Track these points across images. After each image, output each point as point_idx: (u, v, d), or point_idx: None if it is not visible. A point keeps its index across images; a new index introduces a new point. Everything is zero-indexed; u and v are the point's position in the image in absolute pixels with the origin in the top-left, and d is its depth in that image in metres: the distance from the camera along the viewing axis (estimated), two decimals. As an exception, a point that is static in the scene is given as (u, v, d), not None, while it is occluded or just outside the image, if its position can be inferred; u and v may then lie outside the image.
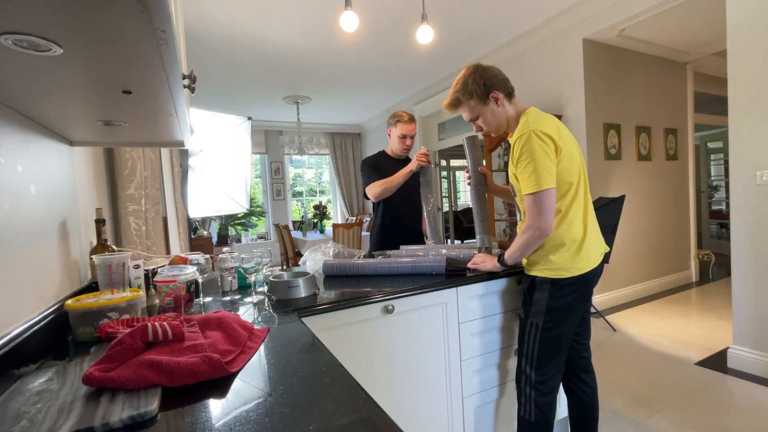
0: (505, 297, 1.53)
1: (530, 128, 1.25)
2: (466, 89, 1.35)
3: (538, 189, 1.22)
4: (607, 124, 3.53)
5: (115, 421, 0.58)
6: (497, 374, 1.53)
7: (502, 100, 1.35)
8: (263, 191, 7.26)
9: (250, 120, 2.33)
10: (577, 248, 1.29)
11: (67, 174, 1.22)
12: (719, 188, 6.13)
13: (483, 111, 1.37)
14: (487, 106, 1.36)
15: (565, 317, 1.31)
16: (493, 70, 1.37)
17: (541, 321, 1.32)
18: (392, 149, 2.27)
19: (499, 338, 1.53)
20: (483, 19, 3.40)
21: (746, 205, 2.28)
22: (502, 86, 1.35)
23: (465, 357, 1.45)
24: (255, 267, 1.29)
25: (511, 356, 1.55)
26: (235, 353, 0.80)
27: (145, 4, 0.45)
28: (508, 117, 1.37)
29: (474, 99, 1.35)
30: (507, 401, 1.56)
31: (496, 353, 1.52)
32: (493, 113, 1.37)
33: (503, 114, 1.37)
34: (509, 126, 1.40)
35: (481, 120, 1.39)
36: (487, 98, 1.34)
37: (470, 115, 1.40)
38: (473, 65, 1.37)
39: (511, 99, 1.37)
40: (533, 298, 1.34)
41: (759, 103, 2.19)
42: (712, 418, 1.91)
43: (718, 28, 3.37)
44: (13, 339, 0.78)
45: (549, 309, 1.31)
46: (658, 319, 3.28)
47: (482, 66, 1.36)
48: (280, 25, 3.31)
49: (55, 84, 0.71)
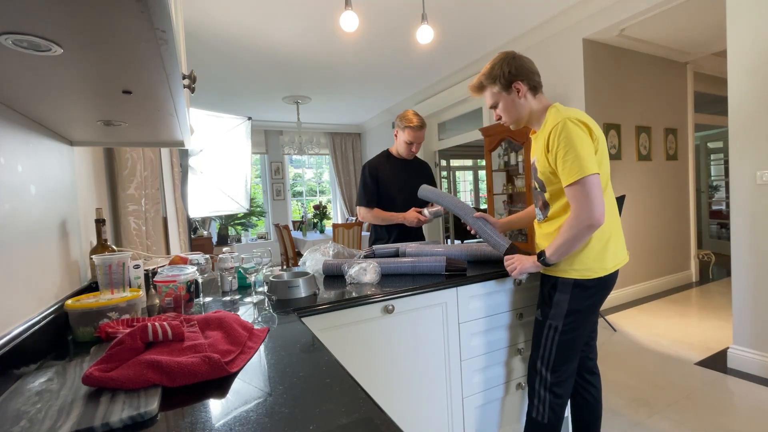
0: (506, 297, 1.52)
1: (564, 116, 1.20)
2: (491, 74, 1.33)
3: (582, 175, 1.14)
4: (607, 124, 3.53)
5: (115, 421, 0.58)
6: (497, 374, 1.53)
7: (524, 92, 1.31)
8: (263, 191, 7.26)
9: (249, 120, 2.33)
10: (603, 247, 1.25)
11: (67, 174, 1.22)
12: (719, 188, 6.13)
13: (504, 100, 1.34)
14: (509, 95, 1.32)
15: (584, 319, 1.29)
16: (524, 60, 1.33)
17: (561, 323, 1.29)
18: (397, 150, 2.24)
19: (499, 338, 1.52)
20: (483, 19, 3.40)
21: (746, 205, 2.28)
22: (528, 78, 1.31)
23: (465, 357, 1.45)
24: (255, 267, 1.29)
25: (512, 356, 1.55)
26: (235, 353, 0.80)
27: (145, 4, 0.45)
28: (531, 111, 1.33)
29: (497, 86, 1.32)
30: (507, 401, 1.56)
31: (496, 353, 1.52)
32: (514, 104, 1.33)
33: (525, 107, 1.33)
34: (530, 121, 1.36)
35: (501, 108, 1.36)
36: (510, 87, 1.31)
37: (491, 101, 1.37)
38: (505, 52, 1.34)
39: (536, 93, 1.33)
40: (554, 300, 1.31)
41: (759, 104, 2.19)
42: (712, 418, 1.91)
43: (718, 28, 3.37)
44: (13, 339, 0.78)
45: (570, 311, 1.27)
46: (658, 319, 3.28)
47: (514, 54, 1.33)
48: (280, 24, 3.31)
49: (55, 84, 0.71)
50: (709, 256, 4.64)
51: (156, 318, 0.94)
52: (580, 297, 1.27)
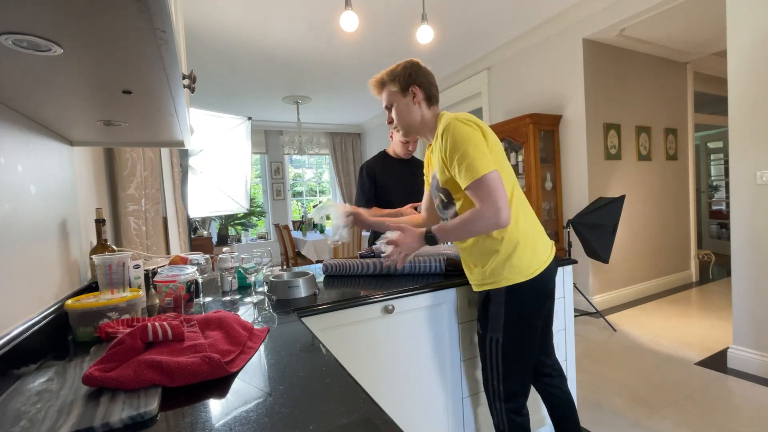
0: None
1: (452, 116, 1.21)
2: (393, 73, 1.34)
3: (479, 174, 1.13)
4: (607, 124, 3.53)
5: (115, 421, 0.58)
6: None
7: (420, 99, 1.31)
8: (263, 191, 7.26)
9: (249, 120, 2.33)
10: (527, 248, 1.21)
11: (67, 174, 1.22)
12: (719, 188, 6.13)
13: (399, 101, 1.34)
14: (405, 98, 1.33)
15: (525, 326, 1.24)
16: (428, 72, 1.34)
17: (501, 336, 1.23)
18: (394, 150, 2.25)
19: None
20: (483, 19, 3.40)
21: (746, 205, 2.28)
22: (425, 87, 1.32)
23: (465, 357, 1.45)
24: (255, 267, 1.29)
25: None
26: (235, 353, 0.80)
27: (145, 4, 0.45)
28: (423, 118, 1.33)
29: (395, 85, 1.33)
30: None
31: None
32: (407, 108, 1.33)
33: (417, 114, 1.33)
34: (423, 131, 1.36)
35: (395, 110, 1.36)
36: (407, 90, 1.32)
37: (386, 101, 1.37)
38: (411, 59, 1.36)
39: (430, 105, 1.34)
40: (489, 313, 1.26)
41: (759, 104, 2.19)
42: (712, 418, 1.91)
43: (718, 28, 3.37)
44: (13, 339, 0.78)
45: (507, 321, 1.22)
46: (658, 319, 3.28)
47: (420, 64, 1.34)
48: (280, 25, 3.31)
49: (55, 84, 0.71)
50: (709, 256, 4.64)
51: (156, 318, 0.94)
52: (514, 304, 1.22)
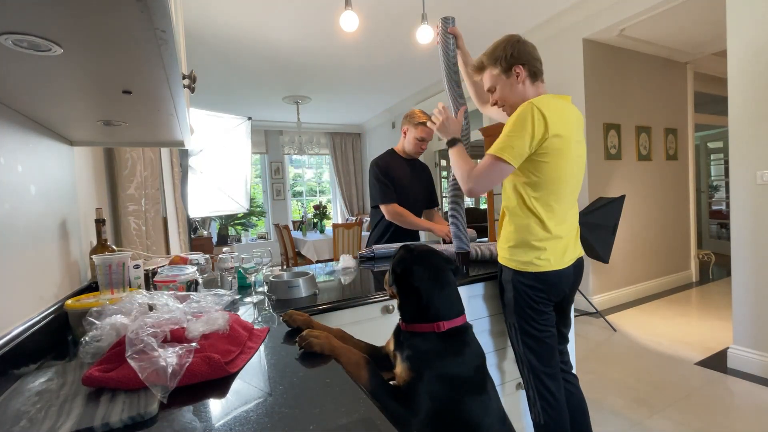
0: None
1: (537, 100, 1.19)
2: (493, 55, 1.30)
3: (498, 155, 1.17)
4: (607, 124, 3.53)
5: (115, 421, 0.57)
6: (497, 375, 1.53)
7: (523, 77, 1.28)
8: (263, 191, 7.26)
9: (249, 120, 2.34)
10: (549, 246, 1.24)
11: (67, 174, 1.22)
12: (719, 188, 6.13)
13: (502, 83, 1.30)
14: (508, 79, 1.29)
15: (536, 315, 1.27)
16: (528, 46, 1.30)
17: (515, 320, 1.30)
18: (404, 148, 2.19)
19: (499, 339, 1.52)
20: (483, 19, 3.40)
21: (746, 205, 2.28)
22: (529, 63, 1.28)
23: (465, 357, 1.45)
24: (255, 267, 1.29)
25: (512, 356, 1.55)
26: (235, 353, 0.80)
27: (145, 4, 0.45)
28: (526, 98, 1.27)
29: (497, 68, 1.30)
30: (508, 401, 1.56)
31: (497, 353, 1.52)
32: (512, 89, 1.29)
33: (521, 93, 1.29)
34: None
35: (498, 92, 1.33)
36: (510, 71, 1.28)
37: (489, 83, 1.34)
38: (511, 35, 1.32)
39: (534, 81, 1.30)
40: (504, 299, 1.34)
41: (759, 104, 2.19)
42: (712, 418, 1.91)
43: (718, 28, 3.37)
44: (13, 339, 0.78)
45: (517, 305, 1.28)
46: (658, 319, 3.28)
47: (518, 38, 1.31)
48: (280, 25, 3.31)
49: (55, 84, 0.71)
50: (709, 256, 4.64)
51: (156, 318, 0.94)
52: (522, 289, 1.26)
